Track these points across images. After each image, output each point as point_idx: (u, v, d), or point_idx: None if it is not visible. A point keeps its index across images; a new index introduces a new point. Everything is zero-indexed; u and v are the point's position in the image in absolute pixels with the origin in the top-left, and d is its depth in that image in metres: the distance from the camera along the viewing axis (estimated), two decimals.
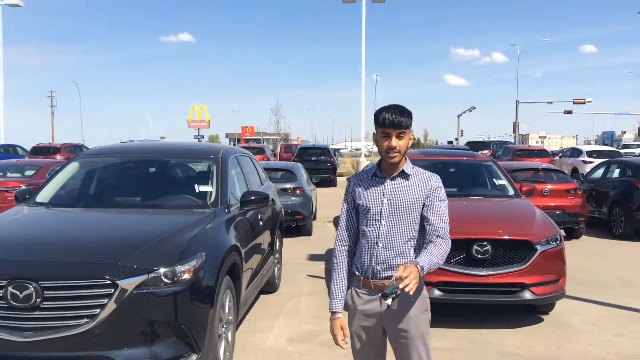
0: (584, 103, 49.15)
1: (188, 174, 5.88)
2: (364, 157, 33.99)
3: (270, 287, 6.70)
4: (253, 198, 5.28)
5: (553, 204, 10.23)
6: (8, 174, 11.80)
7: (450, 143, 48.84)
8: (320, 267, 8.16)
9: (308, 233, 11.15)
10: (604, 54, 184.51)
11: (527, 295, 5.46)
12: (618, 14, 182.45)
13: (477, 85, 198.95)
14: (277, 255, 6.88)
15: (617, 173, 12.21)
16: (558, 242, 5.68)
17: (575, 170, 21.37)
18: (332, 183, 23.13)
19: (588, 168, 18.24)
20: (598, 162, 15.87)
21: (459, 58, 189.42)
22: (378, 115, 2.61)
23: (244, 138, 62.33)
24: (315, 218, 12.62)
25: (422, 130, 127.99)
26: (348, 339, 2.76)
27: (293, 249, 9.20)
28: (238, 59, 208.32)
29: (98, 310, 3.52)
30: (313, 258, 8.84)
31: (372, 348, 2.78)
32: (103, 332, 3.52)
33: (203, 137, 38.39)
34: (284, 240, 7.74)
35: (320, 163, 23.31)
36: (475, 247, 5.40)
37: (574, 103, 49.38)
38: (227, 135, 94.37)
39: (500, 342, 5.24)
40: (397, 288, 2.31)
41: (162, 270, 3.67)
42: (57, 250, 3.87)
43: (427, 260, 2.49)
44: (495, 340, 5.26)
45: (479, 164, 7.92)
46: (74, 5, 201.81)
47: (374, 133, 2.68)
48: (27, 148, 27.43)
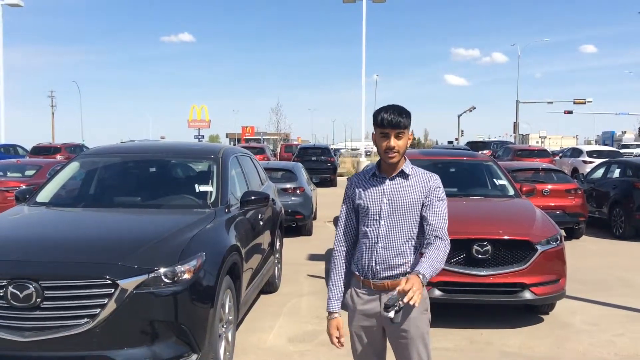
0: (584, 103, 49.18)
1: (188, 174, 5.88)
2: (364, 156, 33.96)
3: (271, 287, 6.71)
4: (253, 198, 5.29)
5: (553, 204, 10.23)
6: (8, 174, 11.81)
7: (451, 143, 48.84)
8: (321, 267, 8.16)
9: (308, 233, 11.16)
10: (605, 54, 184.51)
11: (527, 295, 5.46)
12: (618, 14, 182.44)
13: (477, 85, 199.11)
14: (277, 255, 6.88)
15: (617, 173, 12.21)
16: (558, 242, 5.68)
17: (576, 170, 21.37)
18: (332, 183, 23.12)
19: (588, 168, 18.24)
20: (598, 162, 15.87)
21: (459, 58, 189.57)
22: (377, 116, 2.61)
23: (244, 138, 62.32)
24: (316, 218, 12.62)
25: (422, 130, 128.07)
26: (344, 339, 2.75)
27: (293, 249, 9.20)
28: (238, 59, 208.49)
29: (98, 310, 3.52)
30: (313, 258, 8.84)
31: (372, 348, 2.78)
32: (103, 332, 3.52)
33: (203, 137, 38.37)
34: (284, 240, 7.75)
35: (321, 163, 23.32)
36: (476, 247, 5.40)
37: (575, 103, 49.40)
38: (227, 135, 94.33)
39: (501, 342, 5.24)
40: (399, 301, 2.31)
41: (162, 270, 3.67)
42: (57, 250, 3.87)
43: (428, 267, 2.49)
44: (496, 341, 5.26)
45: (479, 164, 7.92)
46: (74, 5, 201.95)
47: (373, 133, 2.68)
48: (27, 148, 27.40)
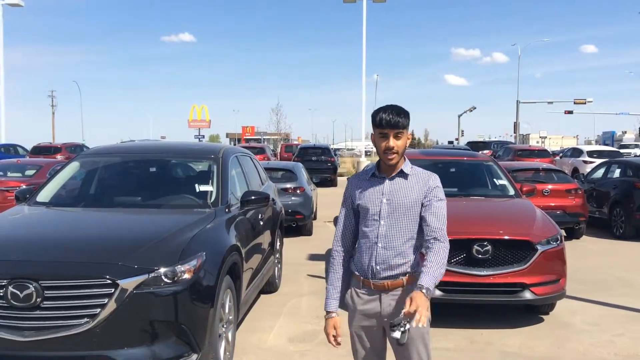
0: (585, 103, 49.17)
1: (188, 174, 5.88)
2: (364, 156, 33.95)
3: (271, 287, 6.70)
4: (253, 198, 5.28)
5: (554, 204, 10.23)
6: (9, 174, 11.81)
7: (451, 143, 48.88)
8: (321, 267, 8.16)
9: (308, 233, 11.16)
10: (605, 54, 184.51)
11: (527, 295, 5.45)
12: (619, 14, 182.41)
13: (477, 85, 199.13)
14: (277, 255, 6.87)
15: (617, 173, 12.21)
16: (558, 242, 5.68)
17: (576, 170, 21.37)
18: (332, 183, 23.12)
19: (589, 168, 18.24)
20: (599, 162, 15.88)
21: (460, 58, 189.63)
22: (375, 116, 2.61)
23: (245, 138, 62.33)
24: (316, 218, 12.62)
25: (422, 130, 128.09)
26: (340, 339, 2.75)
27: (293, 249, 9.20)
28: (238, 59, 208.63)
29: (98, 310, 3.52)
30: (313, 258, 8.84)
31: (372, 348, 2.77)
32: (103, 331, 3.52)
33: (204, 136, 38.38)
34: (285, 240, 7.75)
35: (321, 163, 23.33)
36: (476, 247, 5.40)
37: (575, 103, 49.41)
38: (227, 135, 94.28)
39: (501, 342, 5.24)
40: (407, 322, 2.32)
41: (162, 270, 3.67)
42: (57, 250, 3.87)
43: (430, 278, 2.48)
44: (496, 341, 5.26)
45: (480, 164, 7.92)
46: (75, 5, 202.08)
47: (372, 134, 2.68)
48: (27, 148, 27.39)
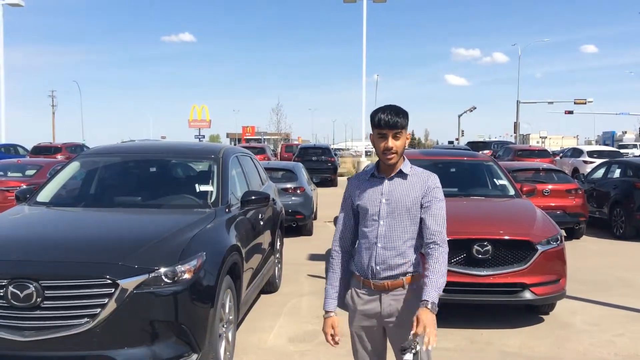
0: (585, 103, 49.17)
1: (189, 174, 5.88)
2: (365, 156, 33.93)
3: (271, 287, 6.71)
4: (254, 198, 5.29)
5: (554, 204, 10.23)
6: (9, 174, 11.81)
7: (451, 143, 48.87)
8: (321, 267, 8.16)
9: (309, 233, 11.16)
10: (605, 54, 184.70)
11: (527, 296, 5.45)
12: (619, 15, 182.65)
13: (477, 85, 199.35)
14: (277, 255, 6.88)
15: (617, 173, 12.21)
16: (559, 242, 5.68)
17: (576, 171, 21.37)
18: (332, 183, 23.13)
19: (589, 168, 18.24)
20: (599, 162, 15.88)
21: (460, 58, 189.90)
22: (374, 116, 2.61)
23: (245, 138, 62.31)
24: (316, 218, 12.62)
25: (422, 130, 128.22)
26: (338, 338, 2.76)
27: (293, 249, 9.21)
28: (239, 59, 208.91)
29: (98, 310, 3.52)
30: (313, 258, 8.84)
31: (372, 348, 2.78)
32: (103, 331, 3.52)
33: (204, 136, 38.36)
34: (285, 240, 7.75)
35: (321, 163, 23.34)
36: (476, 247, 5.40)
37: (575, 103, 49.40)
38: (227, 135, 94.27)
39: (501, 342, 5.24)
40: (417, 344, 2.33)
41: (162, 270, 3.67)
42: (57, 250, 3.87)
43: (434, 291, 2.48)
44: (496, 341, 5.26)
45: (480, 164, 7.92)
46: (75, 5, 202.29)
47: (371, 134, 2.68)
48: (28, 147, 27.40)
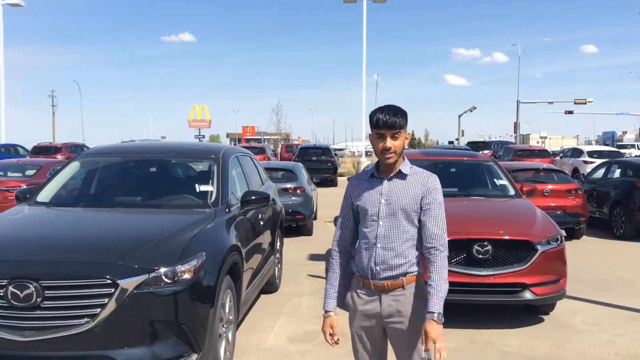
0: (585, 103, 49.16)
1: (189, 174, 5.88)
2: (365, 156, 33.93)
3: (271, 287, 6.71)
4: (254, 198, 5.28)
5: (554, 204, 10.23)
6: (9, 174, 11.81)
7: (451, 143, 48.85)
8: (321, 266, 8.16)
9: (309, 233, 11.16)
10: (605, 54, 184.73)
11: (527, 296, 5.45)
12: (619, 14, 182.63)
13: (478, 86, 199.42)
14: (277, 255, 6.88)
15: (618, 173, 12.21)
16: (559, 242, 5.68)
17: (576, 171, 21.38)
18: (332, 183, 23.13)
19: (589, 168, 18.25)
20: (599, 162, 15.88)
21: (460, 58, 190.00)
22: (372, 117, 2.61)
23: (245, 138, 62.32)
24: (316, 218, 12.62)
25: (423, 131, 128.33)
26: (337, 337, 2.76)
27: (294, 249, 9.21)
28: (239, 59, 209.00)
29: (98, 310, 3.52)
30: (313, 258, 8.84)
31: (372, 348, 2.78)
32: (103, 331, 3.52)
33: (204, 136, 38.34)
34: (285, 240, 7.75)
35: (321, 163, 23.35)
36: (476, 247, 5.40)
37: (575, 103, 49.39)
38: (227, 135, 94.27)
39: (501, 342, 5.24)
40: (429, 358, 2.44)
41: (162, 270, 3.67)
42: (57, 250, 3.87)
43: (439, 301, 2.54)
44: (496, 341, 5.26)
45: (480, 164, 7.92)
46: (75, 5, 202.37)
47: (370, 134, 2.68)
48: (28, 147, 27.41)
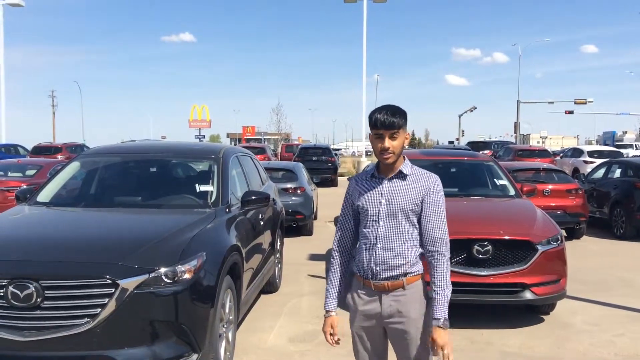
0: (585, 103, 49.13)
1: (189, 174, 5.88)
2: (365, 156, 33.92)
3: (271, 287, 6.70)
4: (254, 198, 5.28)
5: (554, 204, 10.23)
6: (9, 174, 11.82)
7: (451, 143, 48.80)
8: (321, 267, 8.16)
9: (309, 233, 11.16)
10: (606, 54, 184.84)
11: (528, 296, 5.45)
12: (619, 14, 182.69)
13: (478, 85, 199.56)
14: (277, 255, 6.87)
15: (618, 173, 12.20)
16: (559, 242, 5.68)
17: (577, 171, 21.37)
18: (333, 183, 23.13)
19: (589, 168, 18.23)
20: (599, 162, 15.88)
21: (460, 58, 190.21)
22: (371, 117, 2.61)
23: (245, 138, 62.33)
24: (316, 218, 12.62)
25: (423, 130, 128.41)
26: (338, 337, 2.76)
27: (294, 249, 9.20)
28: (239, 59, 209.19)
29: (99, 310, 3.52)
30: (314, 258, 8.84)
31: (373, 348, 2.77)
32: (104, 331, 3.52)
33: (204, 136, 38.33)
34: (285, 240, 7.75)
35: (321, 163, 23.35)
36: (476, 247, 5.40)
37: (575, 103, 49.37)
38: (228, 135, 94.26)
39: (501, 342, 5.24)
40: None
41: (162, 270, 3.67)
42: (57, 250, 3.87)
43: (444, 306, 2.58)
44: (496, 341, 5.26)
45: (480, 164, 7.92)
46: (75, 5, 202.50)
47: (370, 134, 2.67)
48: (28, 148, 27.42)
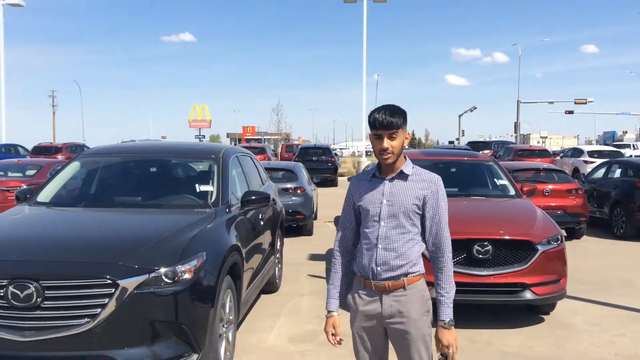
0: (585, 103, 49.15)
1: (189, 174, 5.88)
2: (365, 156, 33.91)
3: (271, 287, 6.70)
4: (254, 198, 5.28)
5: (554, 204, 10.23)
6: (9, 174, 11.82)
7: (452, 143, 48.80)
8: (321, 267, 8.16)
9: (309, 233, 11.15)
10: (606, 54, 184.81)
11: (528, 296, 5.45)
12: (619, 14, 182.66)
13: (478, 85, 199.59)
14: (277, 255, 6.87)
15: (618, 173, 12.20)
16: (559, 242, 5.68)
17: (577, 170, 21.37)
18: (333, 183, 23.12)
19: (589, 168, 18.23)
20: (599, 162, 15.88)
21: (460, 58, 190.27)
22: (370, 117, 2.61)
23: (245, 138, 62.32)
24: (316, 218, 12.62)
25: (423, 130, 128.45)
26: (339, 338, 2.76)
27: (294, 249, 9.20)
28: (239, 59, 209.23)
29: (99, 310, 3.52)
30: (314, 258, 8.84)
31: (373, 349, 2.77)
32: (104, 331, 3.52)
33: (204, 136, 38.34)
34: (285, 240, 7.75)
35: (321, 163, 23.34)
36: (476, 247, 5.40)
37: (576, 103, 49.38)
38: (228, 135, 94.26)
39: (501, 342, 5.23)
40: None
41: (162, 270, 3.67)
42: (57, 250, 3.87)
43: (449, 308, 2.67)
44: (496, 341, 5.26)
45: (480, 164, 7.92)
46: (75, 5, 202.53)
47: (370, 134, 2.67)
48: (28, 148, 27.42)
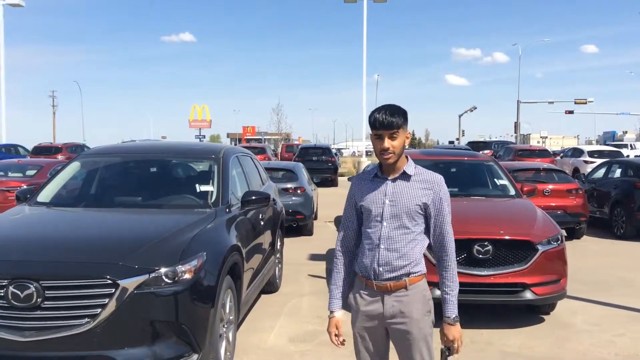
0: (586, 103, 49.17)
1: (189, 174, 5.88)
2: (365, 156, 33.92)
3: (271, 287, 6.70)
4: (254, 198, 5.28)
5: (554, 204, 10.23)
6: (9, 174, 11.82)
7: (452, 143, 48.80)
8: (321, 267, 8.16)
9: (309, 233, 11.15)
10: (606, 54, 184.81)
11: (528, 296, 5.45)
12: (619, 14, 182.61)
13: (478, 85, 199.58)
14: (278, 255, 6.87)
15: (618, 173, 12.20)
16: (559, 242, 5.68)
17: (577, 170, 21.37)
18: (333, 183, 23.12)
19: (589, 168, 18.23)
20: (599, 162, 15.88)
21: (460, 58, 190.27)
22: (370, 117, 2.61)
23: (245, 138, 62.28)
24: (317, 218, 12.62)
25: (423, 130, 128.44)
26: (342, 338, 2.76)
27: (294, 249, 9.20)
28: (239, 59, 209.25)
29: (99, 310, 3.52)
30: (314, 258, 8.84)
31: (375, 349, 2.77)
32: (104, 331, 3.52)
33: (204, 136, 38.32)
34: (285, 240, 7.75)
35: (322, 163, 23.33)
36: (477, 247, 5.40)
37: (576, 103, 49.40)
38: (228, 135, 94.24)
39: (501, 342, 5.23)
40: (448, 354, 2.69)
41: (163, 270, 3.67)
42: (58, 250, 3.87)
43: (454, 306, 2.67)
44: (496, 341, 5.26)
45: (480, 164, 7.92)
46: (75, 5, 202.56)
47: (370, 134, 2.67)
48: (28, 148, 27.42)
